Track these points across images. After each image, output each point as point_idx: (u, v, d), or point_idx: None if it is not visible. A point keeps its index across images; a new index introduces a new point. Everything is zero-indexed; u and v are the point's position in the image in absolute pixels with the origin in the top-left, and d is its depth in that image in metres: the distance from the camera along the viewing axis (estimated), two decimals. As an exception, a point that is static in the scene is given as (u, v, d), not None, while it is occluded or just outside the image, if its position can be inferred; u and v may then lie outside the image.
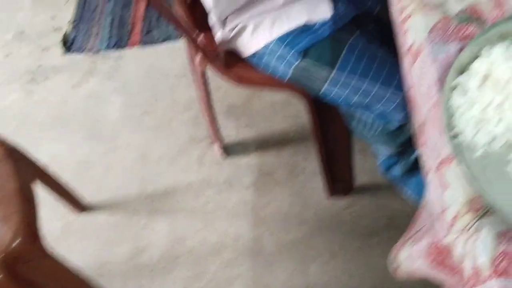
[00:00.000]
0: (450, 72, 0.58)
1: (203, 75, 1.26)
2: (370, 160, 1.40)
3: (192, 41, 1.07)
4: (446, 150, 0.56)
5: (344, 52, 0.97)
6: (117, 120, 1.65)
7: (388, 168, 1.18)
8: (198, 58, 1.18)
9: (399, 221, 1.29)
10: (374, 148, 1.16)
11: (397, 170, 1.15)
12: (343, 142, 1.25)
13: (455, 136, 0.55)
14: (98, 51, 1.82)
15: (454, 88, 0.58)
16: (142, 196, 1.47)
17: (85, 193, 1.44)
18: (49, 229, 1.12)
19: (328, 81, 0.99)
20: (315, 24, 0.99)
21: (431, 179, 0.60)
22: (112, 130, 1.63)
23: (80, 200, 1.41)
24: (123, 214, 1.44)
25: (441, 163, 0.58)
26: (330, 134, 1.22)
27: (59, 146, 1.60)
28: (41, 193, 1.16)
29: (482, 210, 0.52)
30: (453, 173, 0.55)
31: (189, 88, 1.60)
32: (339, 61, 0.97)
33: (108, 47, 1.82)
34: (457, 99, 0.57)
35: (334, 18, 0.99)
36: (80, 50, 1.84)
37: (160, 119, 1.63)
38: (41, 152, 1.41)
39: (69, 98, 1.72)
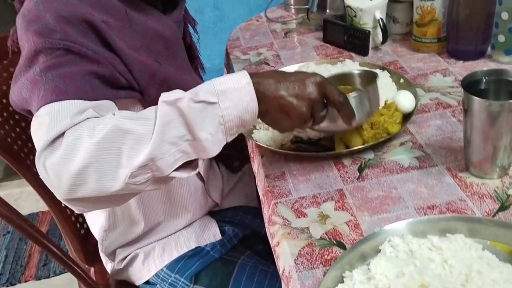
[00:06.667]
0: (317, 299, 0.59)
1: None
2: None
3: (79, 278, 1.02)
4: None
5: (234, 272, 0.97)
6: None
7: None
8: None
9: None
10: None
11: None
12: None
13: None
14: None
15: (322, 315, 0.58)
16: None
17: None
18: None
19: (221, 304, 0.96)
20: (205, 247, 1.00)
21: None
22: None
23: None
24: None
25: None
26: None
27: None
28: None
29: None
30: None
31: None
32: (230, 282, 0.96)
33: (-2, 285, 1.68)
34: (326, 327, 0.56)
35: (223, 240, 1.01)
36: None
37: None
38: None
39: None
